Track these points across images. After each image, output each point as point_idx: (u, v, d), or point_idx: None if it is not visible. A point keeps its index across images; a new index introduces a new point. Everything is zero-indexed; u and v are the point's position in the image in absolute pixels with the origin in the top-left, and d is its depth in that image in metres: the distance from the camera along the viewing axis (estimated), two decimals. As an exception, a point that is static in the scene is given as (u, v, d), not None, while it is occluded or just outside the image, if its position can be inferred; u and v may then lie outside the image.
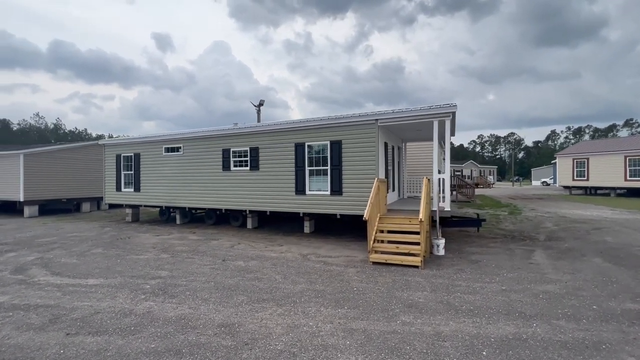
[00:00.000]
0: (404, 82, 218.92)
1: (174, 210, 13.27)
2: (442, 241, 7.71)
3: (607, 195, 24.55)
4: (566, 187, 27.48)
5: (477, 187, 40.86)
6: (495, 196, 26.49)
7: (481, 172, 53.43)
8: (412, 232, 7.22)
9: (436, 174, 8.39)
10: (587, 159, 25.08)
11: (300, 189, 9.97)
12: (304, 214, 10.32)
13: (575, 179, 26.02)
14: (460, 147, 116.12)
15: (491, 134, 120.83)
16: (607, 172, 23.86)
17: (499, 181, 74.25)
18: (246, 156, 10.91)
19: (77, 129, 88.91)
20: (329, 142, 9.54)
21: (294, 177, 10.05)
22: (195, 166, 11.93)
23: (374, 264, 6.89)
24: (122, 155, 13.67)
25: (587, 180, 25.16)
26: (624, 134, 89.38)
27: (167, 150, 12.55)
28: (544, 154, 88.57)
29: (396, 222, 7.70)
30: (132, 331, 3.92)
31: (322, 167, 9.67)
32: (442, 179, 8.43)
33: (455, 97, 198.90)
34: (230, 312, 4.44)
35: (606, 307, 4.47)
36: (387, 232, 7.73)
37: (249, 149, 10.84)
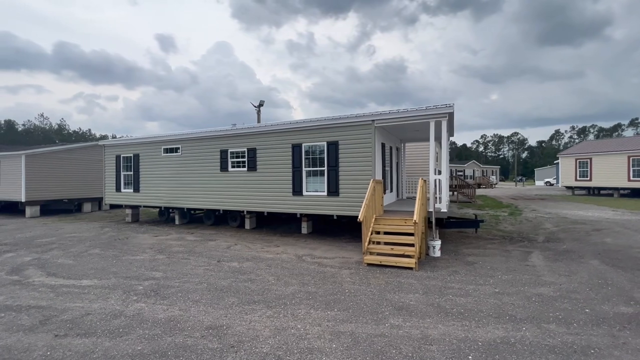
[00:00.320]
0: (406, 81, 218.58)
1: (173, 210, 13.32)
2: (437, 242, 7.67)
3: (611, 195, 24.32)
4: (569, 188, 27.26)
5: (479, 188, 40.67)
6: (497, 196, 26.34)
7: (484, 172, 53.14)
8: (407, 234, 7.19)
9: (432, 175, 8.35)
10: (590, 159, 24.87)
11: (297, 190, 9.96)
12: (301, 214, 10.32)
13: (578, 179, 25.80)
14: (463, 147, 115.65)
15: (494, 134, 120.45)
16: (611, 172, 23.65)
17: (502, 181, 73.84)
18: (244, 157, 10.92)
19: (80, 129, 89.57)
20: (325, 143, 9.52)
21: (291, 178, 10.05)
22: (193, 167, 11.96)
23: (369, 265, 6.86)
24: (121, 155, 13.75)
25: (590, 180, 24.94)
26: (629, 133, 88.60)
27: (166, 150, 12.59)
28: (548, 154, 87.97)
29: (392, 223, 7.67)
30: (120, 333, 3.93)
31: (319, 168, 9.66)
32: (439, 180, 8.40)
33: (458, 96, 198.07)
34: (219, 314, 4.44)
35: (599, 310, 4.42)
36: (384, 233, 7.71)
37: (246, 150, 10.85)
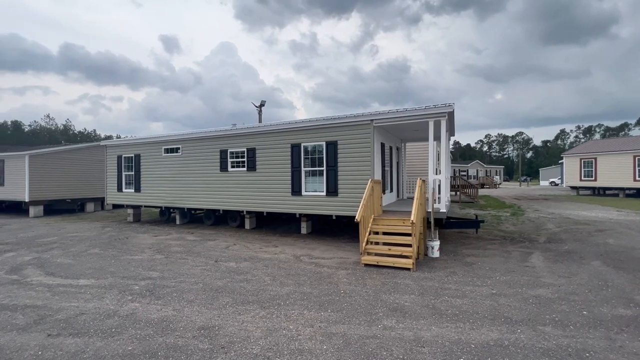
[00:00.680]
0: (409, 81, 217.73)
1: (174, 210, 13.37)
2: (436, 243, 7.61)
3: (616, 195, 24.02)
4: (573, 188, 26.97)
5: (482, 188, 40.40)
6: (500, 196, 26.13)
7: (487, 172, 52.78)
8: (405, 234, 7.14)
9: (432, 175, 8.28)
10: (595, 159, 24.58)
11: (296, 190, 9.94)
12: (301, 215, 10.30)
13: (582, 179, 25.52)
14: (467, 146, 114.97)
15: (499, 134, 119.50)
16: (616, 172, 23.35)
17: (506, 181, 73.30)
18: (243, 157, 10.93)
19: (86, 130, 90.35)
20: (324, 143, 9.49)
21: (290, 178, 10.03)
22: (193, 167, 11.99)
23: (366, 265, 6.82)
24: (123, 156, 13.82)
25: (595, 180, 24.65)
26: (636, 132, 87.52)
27: (167, 151, 12.64)
28: (553, 154, 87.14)
29: (390, 224, 7.62)
30: (112, 333, 3.93)
31: (318, 168, 9.63)
32: (438, 180, 8.33)
33: (461, 96, 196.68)
34: (212, 315, 4.42)
35: (597, 312, 4.34)
36: (382, 233, 7.66)
37: (245, 150, 10.86)
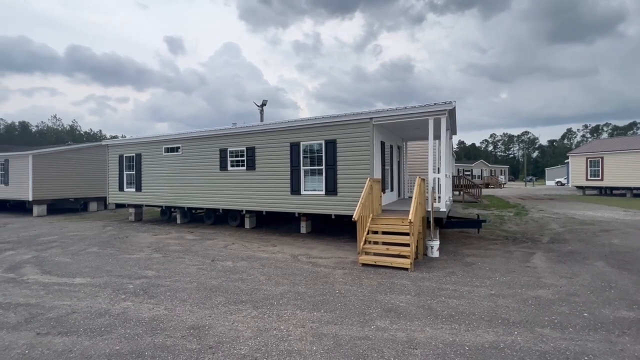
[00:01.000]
0: (413, 81, 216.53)
1: (175, 210, 13.37)
2: (436, 242, 7.49)
3: (623, 195, 23.61)
4: (579, 188, 26.57)
5: (487, 187, 40.03)
6: (505, 196, 25.84)
7: (492, 171, 52.26)
8: (404, 234, 7.03)
9: (431, 174, 8.16)
10: (602, 158, 24.18)
11: (295, 189, 9.87)
12: (300, 214, 10.23)
13: (589, 178, 25.12)
14: (471, 146, 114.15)
15: (504, 133, 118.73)
16: (623, 171, 22.94)
17: (511, 181, 72.58)
18: (243, 156, 10.88)
19: (92, 130, 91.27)
20: (323, 142, 9.41)
21: (289, 177, 9.96)
22: (193, 166, 11.98)
23: (364, 265, 6.73)
24: (124, 155, 13.86)
25: (602, 180, 24.25)
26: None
27: (167, 150, 12.65)
28: (559, 153, 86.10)
29: (389, 223, 7.52)
30: (101, 332, 3.89)
31: (317, 167, 9.55)
32: (438, 179, 8.21)
33: (466, 95, 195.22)
34: (204, 314, 4.37)
35: (598, 314, 4.21)
36: (382, 233, 7.56)
37: (245, 149, 10.81)
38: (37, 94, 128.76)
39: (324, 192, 9.40)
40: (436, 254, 7.46)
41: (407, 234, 6.86)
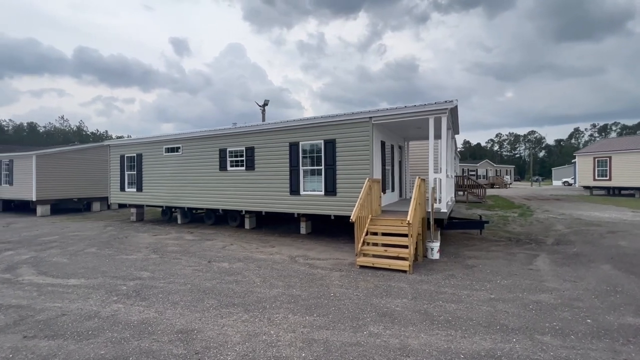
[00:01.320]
0: (418, 80, 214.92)
1: (176, 210, 13.35)
2: (436, 244, 7.33)
3: (632, 196, 23.12)
4: (587, 188, 26.10)
5: (492, 188, 39.57)
6: (510, 197, 25.48)
7: (497, 171, 51.69)
8: (403, 235, 6.88)
9: (432, 174, 8.00)
10: (610, 158, 23.72)
11: (294, 189, 9.77)
12: (299, 214, 10.12)
13: (596, 178, 24.66)
14: (477, 146, 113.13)
15: (510, 132, 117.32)
16: (631, 171, 22.46)
17: (517, 181, 71.74)
18: (242, 156, 10.81)
19: (98, 131, 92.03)
20: (322, 142, 9.29)
21: (288, 177, 9.86)
22: (193, 166, 11.94)
23: (361, 267, 6.61)
24: (125, 155, 13.88)
25: (610, 180, 23.79)
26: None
27: (167, 150, 12.63)
28: (567, 153, 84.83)
29: (388, 224, 7.38)
30: (88, 335, 3.81)
31: (316, 167, 9.44)
32: (438, 179, 8.04)
33: (471, 94, 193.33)
34: (194, 317, 4.28)
35: (602, 320, 4.03)
36: (381, 234, 7.43)
37: (244, 149, 10.73)
38: (45, 95, 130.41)
39: (323, 193, 9.29)
40: (436, 255, 7.30)
41: (406, 235, 6.72)
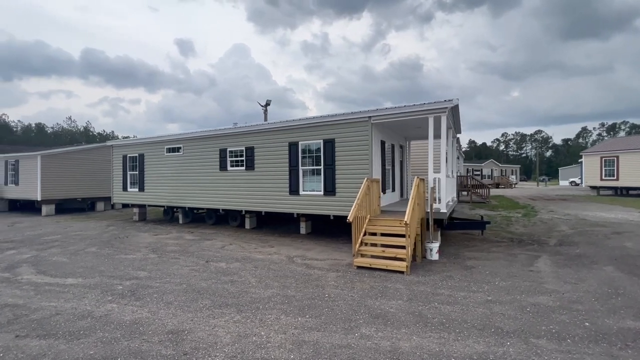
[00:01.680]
0: (423, 80, 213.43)
1: (177, 209, 13.41)
2: (435, 245, 7.25)
3: (640, 196, 22.73)
4: (593, 188, 25.70)
5: (497, 188, 39.18)
6: (515, 197, 25.19)
7: (503, 171, 51.16)
8: (401, 235, 6.81)
9: (431, 174, 7.92)
10: (617, 157, 23.32)
11: (294, 189, 9.74)
12: (299, 214, 10.09)
13: (603, 178, 24.26)
14: (482, 145, 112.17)
15: (516, 132, 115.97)
16: (640, 171, 22.07)
17: (523, 181, 70.97)
18: (242, 156, 10.81)
19: (104, 132, 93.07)
20: (322, 141, 9.25)
21: (287, 177, 9.83)
22: (194, 166, 11.97)
23: (359, 268, 6.55)
24: (127, 155, 13.97)
25: (617, 180, 23.39)
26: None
27: (169, 150, 12.68)
28: (574, 153, 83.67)
29: (386, 224, 7.32)
30: (80, 335, 3.81)
31: (315, 167, 9.39)
32: (438, 179, 7.95)
33: (476, 94, 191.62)
34: (186, 318, 4.26)
35: (601, 324, 3.93)
36: (380, 234, 7.36)
37: (244, 149, 10.73)
38: (53, 97, 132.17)
39: (322, 193, 9.24)
40: (435, 256, 7.22)
41: (404, 236, 6.64)
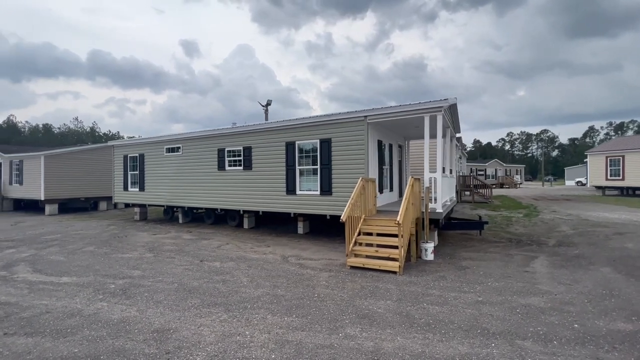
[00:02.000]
0: (427, 79, 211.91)
1: (177, 209, 13.49)
2: (430, 245, 7.20)
3: (646, 196, 22.37)
4: (599, 188, 25.36)
5: (501, 187, 38.84)
6: (518, 197, 24.95)
7: (507, 171, 50.70)
8: (396, 235, 6.77)
9: (427, 173, 7.86)
10: (623, 157, 22.98)
11: (291, 189, 9.74)
12: (296, 214, 10.08)
13: (608, 178, 23.93)
14: (487, 145, 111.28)
15: (522, 131, 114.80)
16: (646, 171, 21.73)
17: (529, 181, 70.27)
18: (240, 156, 10.84)
19: (110, 132, 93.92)
20: (318, 141, 9.24)
21: (284, 176, 9.84)
22: (193, 166, 12.03)
23: (352, 268, 6.52)
24: (128, 155, 14.09)
25: (623, 180, 23.05)
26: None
27: (168, 150, 12.76)
28: (581, 152, 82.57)
29: (381, 224, 7.27)
30: (66, 333, 3.85)
31: (312, 167, 9.39)
32: (434, 179, 7.90)
33: (481, 93, 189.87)
34: (173, 317, 4.27)
35: (590, 325, 3.87)
36: (376, 234, 7.32)
37: (242, 149, 10.76)
38: (61, 98, 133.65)
39: (319, 192, 9.23)
40: (430, 256, 7.17)
41: (396, 236, 6.60)
